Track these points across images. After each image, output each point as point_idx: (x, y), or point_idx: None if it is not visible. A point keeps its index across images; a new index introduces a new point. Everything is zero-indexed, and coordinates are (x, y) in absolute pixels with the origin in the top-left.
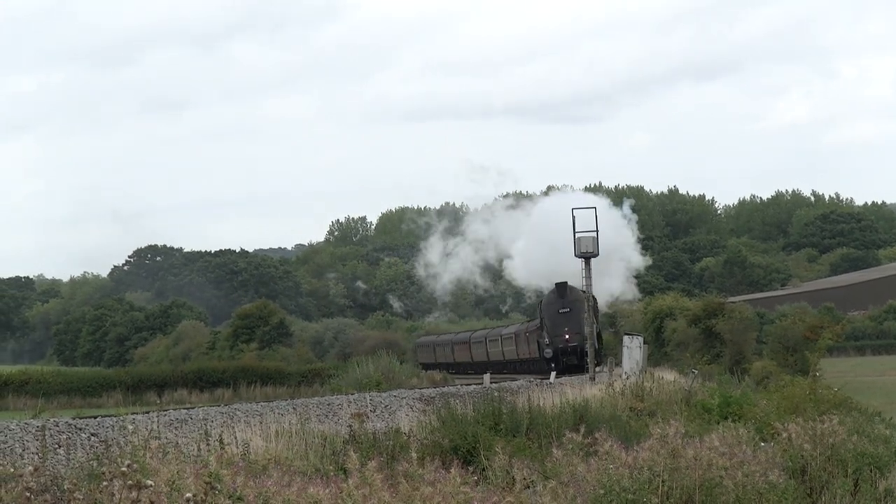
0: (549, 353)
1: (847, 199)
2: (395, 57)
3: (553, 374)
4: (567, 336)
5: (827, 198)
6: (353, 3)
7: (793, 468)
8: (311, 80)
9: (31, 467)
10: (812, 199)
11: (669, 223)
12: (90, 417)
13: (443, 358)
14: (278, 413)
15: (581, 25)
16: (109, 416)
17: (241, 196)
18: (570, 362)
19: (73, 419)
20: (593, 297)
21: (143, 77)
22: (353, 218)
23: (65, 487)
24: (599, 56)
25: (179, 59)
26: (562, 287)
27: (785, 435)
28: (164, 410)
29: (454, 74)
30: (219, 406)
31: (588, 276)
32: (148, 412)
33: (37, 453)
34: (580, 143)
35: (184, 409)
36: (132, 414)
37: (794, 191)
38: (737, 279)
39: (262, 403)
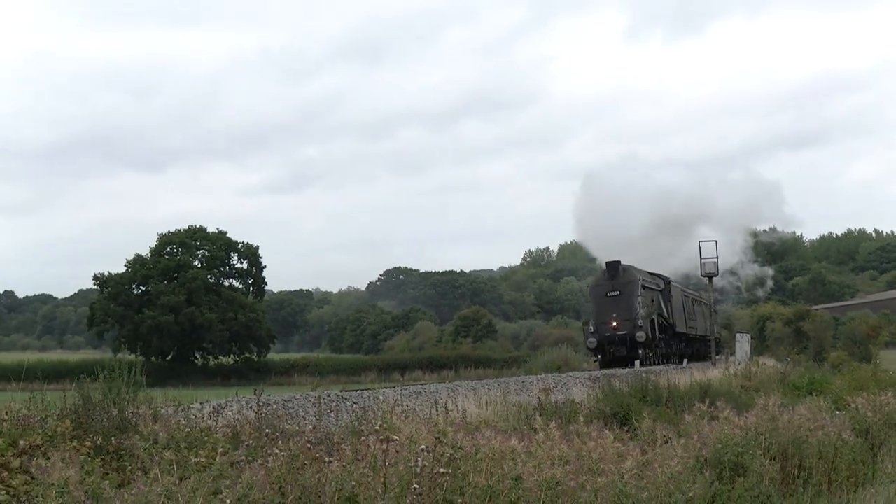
0: (592, 342)
1: None
2: (577, 131)
3: (685, 360)
4: (614, 323)
5: (885, 233)
6: (549, 92)
7: (859, 429)
8: (515, 148)
9: (310, 426)
10: (874, 234)
11: (769, 252)
12: (353, 390)
13: None
14: (487, 388)
15: (711, 107)
16: (366, 389)
17: (462, 231)
18: (618, 353)
19: (340, 391)
20: (714, 308)
21: (396, 147)
22: (540, 248)
23: (334, 441)
24: (724, 130)
25: (421, 134)
26: (612, 266)
27: (853, 405)
28: (406, 385)
29: (618, 143)
30: (444, 383)
31: (711, 291)
32: (394, 387)
33: (315, 416)
34: None
35: (419, 384)
36: (382, 388)
37: (860, 229)
38: (818, 293)
39: (475, 381)
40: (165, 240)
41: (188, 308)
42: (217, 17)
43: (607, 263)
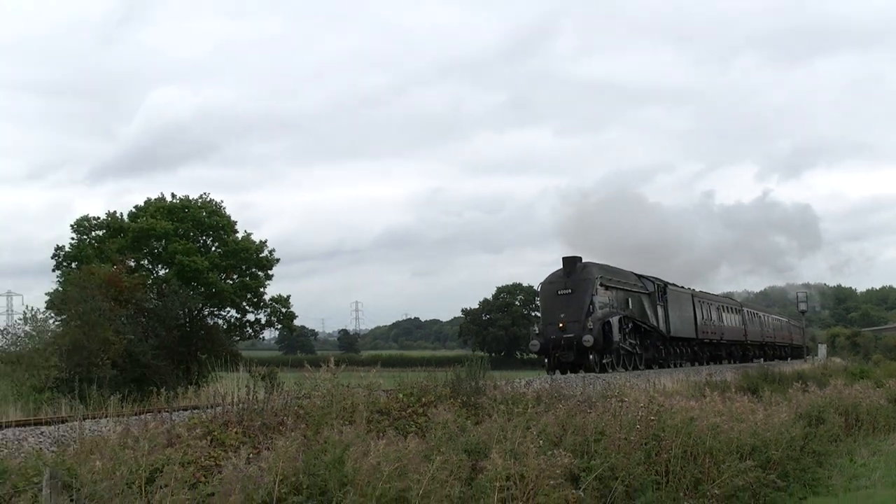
0: (535, 345)
1: None
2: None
3: (788, 357)
4: (561, 325)
5: None
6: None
7: (891, 398)
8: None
9: (579, 392)
10: None
11: (838, 298)
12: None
13: None
14: (676, 373)
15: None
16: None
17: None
18: (564, 359)
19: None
20: (804, 329)
21: (636, 243)
22: None
23: (592, 401)
24: None
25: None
26: (569, 263)
27: (888, 385)
28: (631, 371)
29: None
30: (652, 369)
31: (803, 321)
32: (624, 372)
33: (581, 387)
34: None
35: (639, 370)
36: (618, 372)
37: (890, 286)
38: (865, 322)
39: (669, 369)
40: (500, 290)
41: (512, 327)
42: (533, 170)
43: (564, 259)
